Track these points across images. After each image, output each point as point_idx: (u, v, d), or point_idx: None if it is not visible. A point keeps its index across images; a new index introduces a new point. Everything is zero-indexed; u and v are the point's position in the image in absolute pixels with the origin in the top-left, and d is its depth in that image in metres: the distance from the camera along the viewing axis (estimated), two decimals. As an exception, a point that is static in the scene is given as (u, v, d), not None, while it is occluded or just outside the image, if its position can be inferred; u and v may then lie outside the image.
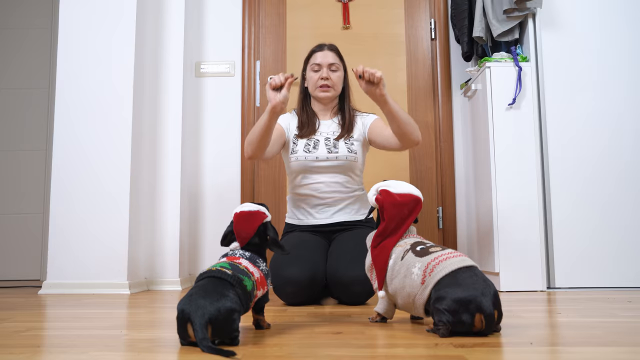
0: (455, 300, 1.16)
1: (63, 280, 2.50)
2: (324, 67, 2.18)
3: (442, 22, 3.16)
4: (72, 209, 2.55)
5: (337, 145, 2.15)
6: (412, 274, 1.29)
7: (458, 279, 1.20)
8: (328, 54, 2.20)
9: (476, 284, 1.18)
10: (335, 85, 2.20)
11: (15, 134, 3.45)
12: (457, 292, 1.17)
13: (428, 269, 1.26)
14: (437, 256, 1.28)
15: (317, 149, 2.15)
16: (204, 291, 1.10)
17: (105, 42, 2.66)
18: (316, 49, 2.24)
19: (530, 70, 2.52)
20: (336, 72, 2.20)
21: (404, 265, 1.33)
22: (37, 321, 1.59)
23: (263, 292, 1.30)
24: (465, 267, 1.23)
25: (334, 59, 2.20)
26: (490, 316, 1.15)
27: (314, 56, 2.22)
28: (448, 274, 1.22)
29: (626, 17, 2.58)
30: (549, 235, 2.48)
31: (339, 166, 2.14)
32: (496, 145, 2.47)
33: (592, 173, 2.50)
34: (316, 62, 2.19)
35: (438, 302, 1.19)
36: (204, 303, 1.06)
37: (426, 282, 1.25)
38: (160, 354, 1.05)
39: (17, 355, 1.04)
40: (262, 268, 1.31)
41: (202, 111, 3.14)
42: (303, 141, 2.18)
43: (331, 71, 2.19)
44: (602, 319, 1.46)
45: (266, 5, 3.23)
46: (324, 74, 2.18)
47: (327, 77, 2.18)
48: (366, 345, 1.11)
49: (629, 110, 2.53)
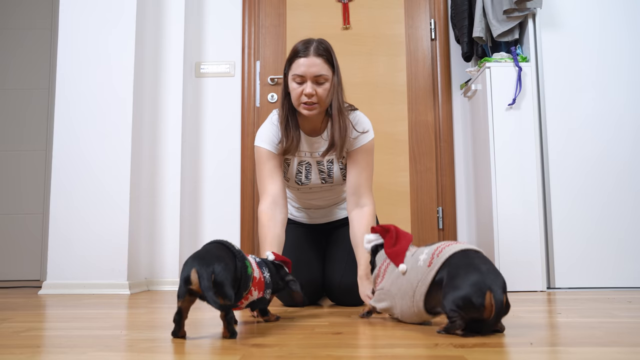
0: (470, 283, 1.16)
1: (63, 281, 2.50)
2: (308, 81, 1.76)
3: (442, 23, 3.16)
4: (72, 209, 2.55)
5: (331, 173, 1.93)
6: (419, 261, 1.32)
7: (469, 259, 1.22)
8: (315, 62, 1.75)
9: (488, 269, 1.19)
10: (322, 101, 1.79)
11: (15, 134, 3.45)
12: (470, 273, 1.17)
13: (437, 251, 1.28)
14: (448, 243, 1.31)
15: (310, 179, 1.94)
16: (209, 252, 1.20)
17: (105, 43, 2.66)
18: (300, 52, 1.78)
19: (530, 71, 2.52)
20: (323, 85, 1.77)
21: (413, 257, 1.36)
22: (37, 321, 1.59)
23: (258, 296, 1.34)
24: (475, 250, 1.26)
25: (321, 69, 1.76)
26: (498, 301, 1.14)
27: (296, 62, 1.77)
28: (459, 251, 1.24)
29: (626, 17, 2.58)
30: (549, 235, 2.48)
31: (328, 189, 2.01)
32: (496, 146, 2.47)
33: (592, 173, 2.50)
34: (298, 74, 1.76)
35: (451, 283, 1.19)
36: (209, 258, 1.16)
37: (433, 263, 1.27)
38: (161, 354, 1.05)
39: (17, 355, 1.04)
40: (265, 275, 1.38)
41: (202, 111, 3.15)
42: (294, 165, 1.93)
43: (317, 84, 1.77)
44: (602, 319, 1.46)
45: (266, 5, 3.23)
46: (308, 90, 1.75)
47: (312, 94, 1.76)
48: (366, 346, 1.11)
49: (629, 110, 2.53)
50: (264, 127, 1.91)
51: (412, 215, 3.03)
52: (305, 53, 1.77)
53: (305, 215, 2.13)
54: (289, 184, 1.98)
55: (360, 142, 1.88)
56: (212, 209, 3.07)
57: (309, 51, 1.77)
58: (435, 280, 1.26)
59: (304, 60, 1.76)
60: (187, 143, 2.96)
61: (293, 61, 1.79)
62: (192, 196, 3.02)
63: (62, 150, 2.60)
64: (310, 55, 1.76)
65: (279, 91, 3.15)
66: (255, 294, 1.32)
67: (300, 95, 1.78)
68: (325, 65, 1.78)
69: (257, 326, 1.40)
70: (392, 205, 3.03)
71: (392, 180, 3.05)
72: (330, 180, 1.94)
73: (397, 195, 3.04)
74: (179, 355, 1.03)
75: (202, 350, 1.07)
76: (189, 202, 2.97)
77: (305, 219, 2.13)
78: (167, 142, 2.84)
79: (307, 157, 1.93)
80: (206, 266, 1.14)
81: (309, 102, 1.78)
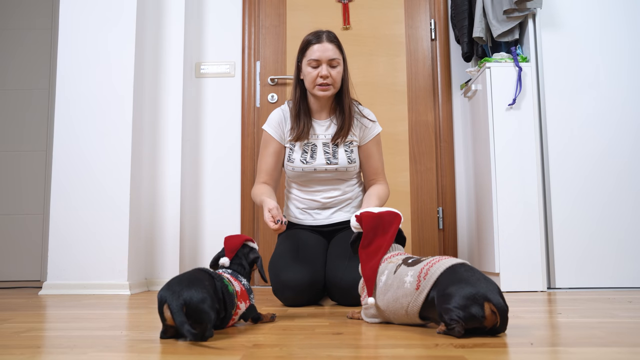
0: (463, 296, 1.14)
1: (63, 281, 2.50)
2: (324, 64, 1.98)
3: (442, 23, 3.16)
4: (72, 209, 2.55)
5: (336, 154, 2.06)
6: (405, 283, 1.29)
7: (458, 274, 1.19)
8: (328, 47, 1.98)
9: (478, 278, 1.17)
10: (336, 83, 2.01)
11: (15, 135, 3.45)
12: (463, 287, 1.15)
13: (422, 273, 1.26)
14: (430, 261, 1.28)
15: (315, 159, 2.05)
16: (181, 279, 1.20)
17: (105, 43, 2.66)
18: (313, 40, 2.00)
19: (530, 71, 2.52)
20: (336, 68, 2.00)
21: (397, 277, 1.33)
22: (37, 322, 1.59)
23: (246, 306, 1.37)
24: (460, 264, 1.23)
25: (334, 53, 1.99)
26: (501, 308, 1.13)
27: (310, 49, 2.00)
28: (446, 269, 1.21)
29: (626, 17, 2.58)
30: (549, 235, 2.48)
31: (337, 177, 2.09)
32: (496, 146, 2.47)
33: (592, 173, 2.50)
34: (314, 58, 1.98)
35: (445, 301, 1.16)
36: (179, 288, 1.15)
37: (421, 286, 1.24)
38: (161, 355, 1.05)
39: (18, 356, 1.04)
40: (244, 283, 1.41)
41: (202, 111, 3.15)
42: (299, 148, 2.07)
43: (331, 67, 1.99)
44: (603, 320, 1.46)
45: (266, 5, 3.23)
46: (324, 72, 1.97)
47: (327, 75, 1.98)
48: (366, 346, 1.11)
49: (629, 110, 2.53)
50: (274, 113, 2.14)
51: (412, 216, 3.03)
52: (318, 40, 2.00)
53: (309, 217, 2.14)
54: (293, 165, 2.07)
55: (373, 132, 2.11)
56: (212, 209, 3.07)
57: (322, 38, 2.00)
58: (427, 300, 1.24)
59: (318, 46, 1.99)
60: (187, 143, 2.96)
61: (307, 49, 2.01)
62: (192, 196, 3.02)
63: (62, 150, 2.60)
64: (324, 41, 1.99)
65: (279, 91, 3.15)
66: (242, 306, 1.35)
67: (315, 78, 1.99)
68: (337, 51, 2.01)
69: (258, 326, 1.40)
70: (392, 205, 2.98)
71: (392, 180, 3.05)
72: (335, 161, 2.05)
73: (398, 195, 3.04)
74: (179, 355, 1.03)
75: (203, 350, 1.07)
76: (189, 201, 2.97)
77: (309, 221, 2.14)
78: (168, 142, 2.84)
79: (313, 139, 2.08)
80: (177, 297, 1.13)
81: (324, 83, 1.99)
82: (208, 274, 1.26)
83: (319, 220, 2.13)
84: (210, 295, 1.18)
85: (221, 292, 1.24)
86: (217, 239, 3.01)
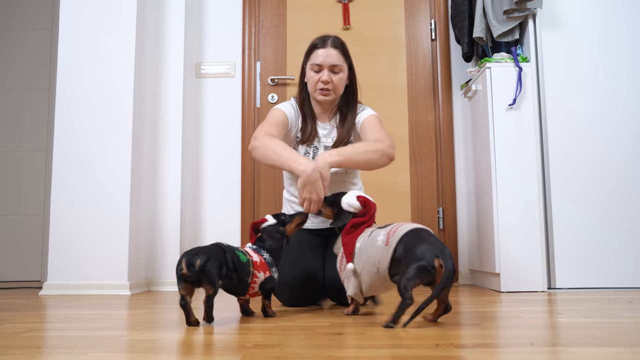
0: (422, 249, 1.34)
1: (63, 281, 2.50)
2: (325, 69, 1.98)
3: (442, 23, 3.16)
4: (73, 209, 2.55)
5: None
6: (377, 242, 1.46)
7: (420, 235, 1.39)
8: (331, 53, 1.98)
9: (435, 240, 1.38)
10: (337, 89, 2.01)
11: (15, 135, 3.45)
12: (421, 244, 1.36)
13: (391, 232, 1.45)
14: (399, 223, 1.48)
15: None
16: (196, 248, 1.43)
17: (105, 43, 2.66)
18: (319, 44, 2.01)
19: (531, 71, 2.52)
20: (338, 74, 2.00)
21: (371, 239, 1.50)
22: (38, 322, 1.59)
23: (265, 276, 1.53)
24: (423, 228, 1.44)
25: (337, 60, 1.99)
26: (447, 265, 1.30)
27: (314, 54, 2.00)
28: (411, 229, 1.41)
29: (626, 17, 2.58)
30: (549, 235, 2.48)
31: (338, 179, 2.04)
32: (496, 146, 2.47)
33: (592, 173, 2.50)
34: (316, 63, 1.98)
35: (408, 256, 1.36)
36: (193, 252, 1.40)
37: (390, 241, 1.42)
38: (161, 355, 1.05)
39: (18, 356, 1.04)
40: (265, 257, 1.57)
41: (202, 112, 3.15)
42: (302, 149, 2.05)
43: (333, 73, 1.99)
44: (603, 320, 1.46)
45: (266, 6, 3.23)
46: (324, 77, 1.97)
47: (328, 81, 1.98)
48: (366, 346, 1.11)
49: (629, 110, 2.53)
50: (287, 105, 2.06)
51: (412, 215, 3.03)
52: (323, 45, 2.00)
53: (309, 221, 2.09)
54: None
55: (366, 113, 2.05)
56: (213, 209, 3.07)
57: (327, 43, 2.00)
58: (394, 256, 1.41)
59: (322, 51, 1.99)
60: (188, 144, 2.96)
61: (312, 52, 2.02)
62: (192, 196, 3.03)
63: (62, 151, 2.60)
64: (328, 46, 1.99)
65: (279, 92, 3.16)
66: (261, 275, 1.51)
67: (317, 82, 1.99)
68: (341, 57, 2.00)
69: (258, 327, 1.40)
70: (392, 205, 3.03)
71: (392, 180, 3.05)
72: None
73: (398, 195, 3.04)
74: (179, 355, 1.03)
75: (203, 350, 1.07)
76: (190, 202, 2.97)
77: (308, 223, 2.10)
78: (168, 143, 2.84)
79: (316, 142, 2.06)
80: (190, 254, 1.39)
81: (324, 88, 1.99)
82: (219, 246, 1.44)
83: (317, 223, 2.10)
84: (218, 259, 1.38)
85: (232, 261, 1.42)
86: (218, 239, 3.00)
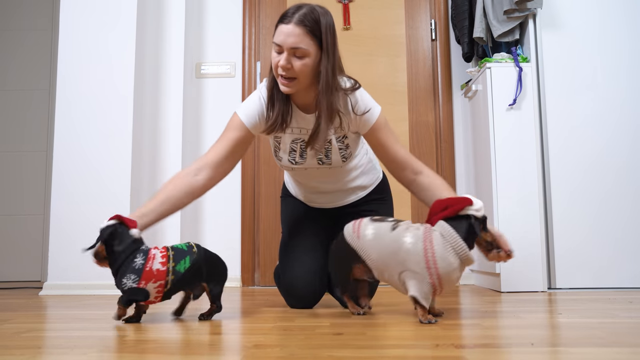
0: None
1: (64, 282, 2.50)
2: (285, 52, 1.55)
3: (442, 23, 3.16)
4: (73, 210, 2.55)
5: (329, 155, 1.73)
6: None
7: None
8: (293, 32, 1.53)
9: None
10: (301, 76, 1.58)
11: (16, 135, 3.45)
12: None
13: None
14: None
15: (305, 159, 1.74)
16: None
17: (105, 43, 2.66)
18: (285, 17, 1.56)
19: (531, 71, 2.52)
20: (302, 60, 1.56)
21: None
22: (38, 322, 1.59)
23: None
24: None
25: (299, 41, 1.53)
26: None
27: (278, 29, 1.57)
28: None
29: (626, 17, 2.58)
30: (549, 235, 2.48)
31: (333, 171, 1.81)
32: (496, 146, 2.47)
33: (592, 173, 2.50)
34: (276, 42, 1.56)
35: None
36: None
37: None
38: (161, 355, 1.05)
39: (18, 356, 1.04)
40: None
41: (202, 112, 3.15)
42: (287, 143, 1.73)
43: (295, 57, 1.56)
44: (603, 320, 1.46)
45: (266, 6, 3.23)
46: (282, 61, 1.55)
47: (288, 66, 1.56)
48: (367, 346, 1.11)
49: (629, 110, 2.53)
50: (250, 98, 1.72)
51: (412, 215, 3.03)
52: (288, 19, 1.55)
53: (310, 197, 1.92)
54: (281, 164, 1.79)
55: (369, 122, 1.69)
56: (213, 209, 3.07)
57: (293, 18, 1.54)
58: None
59: (284, 27, 1.55)
60: (188, 144, 2.96)
61: (277, 26, 1.58)
62: (192, 197, 3.02)
63: (63, 151, 2.61)
64: (292, 22, 1.54)
65: (279, 92, 3.14)
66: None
67: (276, 66, 1.58)
68: (306, 38, 1.54)
69: (258, 327, 1.40)
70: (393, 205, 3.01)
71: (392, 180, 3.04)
72: (328, 161, 1.74)
73: (398, 194, 3.03)
74: (179, 355, 1.03)
75: (203, 350, 1.07)
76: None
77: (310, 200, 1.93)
78: (168, 143, 2.84)
79: (302, 134, 1.71)
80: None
81: (285, 75, 1.57)
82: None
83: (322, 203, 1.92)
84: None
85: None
86: (218, 238, 3.01)
